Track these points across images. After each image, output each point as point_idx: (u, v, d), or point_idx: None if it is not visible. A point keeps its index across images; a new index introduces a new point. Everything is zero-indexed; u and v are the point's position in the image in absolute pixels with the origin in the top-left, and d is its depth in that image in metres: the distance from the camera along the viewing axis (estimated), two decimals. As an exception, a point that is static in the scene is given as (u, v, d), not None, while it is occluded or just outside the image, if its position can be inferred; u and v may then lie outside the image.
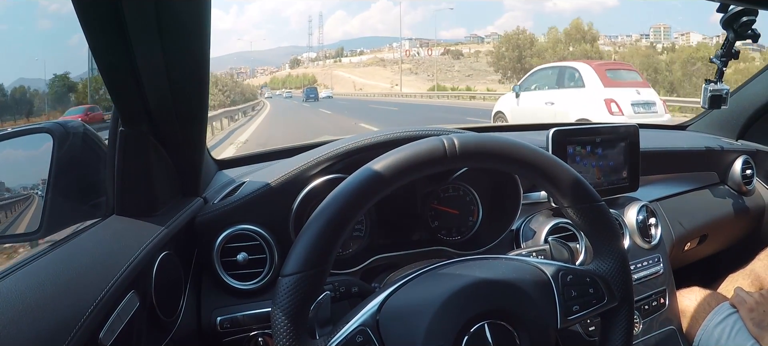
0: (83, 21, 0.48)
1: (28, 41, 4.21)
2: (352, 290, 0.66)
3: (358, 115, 14.40)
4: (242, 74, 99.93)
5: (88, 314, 0.45)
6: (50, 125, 0.68)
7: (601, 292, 0.57)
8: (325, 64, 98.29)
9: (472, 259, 0.60)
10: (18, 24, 5.34)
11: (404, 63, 78.62)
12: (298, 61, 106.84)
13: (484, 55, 65.07)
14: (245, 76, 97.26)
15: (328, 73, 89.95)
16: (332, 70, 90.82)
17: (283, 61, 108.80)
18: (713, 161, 1.40)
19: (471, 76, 61.67)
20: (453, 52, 76.22)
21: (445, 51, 77.23)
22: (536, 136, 1.12)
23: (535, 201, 0.99)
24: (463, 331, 0.51)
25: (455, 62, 71.50)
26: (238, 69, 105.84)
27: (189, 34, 0.55)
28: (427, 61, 75.74)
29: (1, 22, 5.84)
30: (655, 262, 1.04)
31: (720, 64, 1.19)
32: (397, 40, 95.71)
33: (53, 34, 6.58)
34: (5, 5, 3.30)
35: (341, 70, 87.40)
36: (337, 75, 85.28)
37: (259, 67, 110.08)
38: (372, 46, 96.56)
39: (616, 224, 0.60)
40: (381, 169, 0.51)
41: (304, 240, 0.49)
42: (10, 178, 0.78)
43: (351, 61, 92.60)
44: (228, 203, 0.80)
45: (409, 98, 33.46)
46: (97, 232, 0.62)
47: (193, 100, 0.65)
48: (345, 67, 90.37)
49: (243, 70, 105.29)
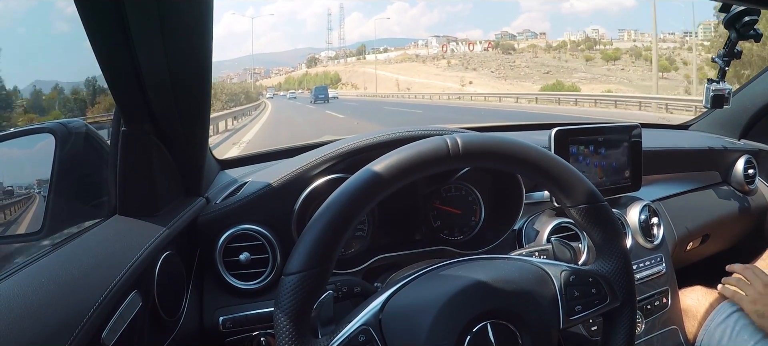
0: (86, 21, 0.48)
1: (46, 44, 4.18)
2: (355, 289, 0.66)
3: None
4: (256, 75, 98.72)
5: (90, 314, 0.45)
6: (52, 125, 0.68)
7: (604, 292, 0.57)
8: (348, 62, 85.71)
9: (475, 259, 0.59)
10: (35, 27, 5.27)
11: (445, 58, 66.39)
12: (315, 59, 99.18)
13: (545, 51, 58.36)
14: (259, 77, 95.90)
15: (353, 70, 77.32)
16: (358, 67, 78.00)
17: (300, 61, 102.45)
18: (715, 161, 1.40)
19: (550, 72, 49.70)
20: (504, 45, 64.72)
21: (491, 45, 65.49)
22: (538, 135, 1.12)
23: (537, 201, 0.99)
24: (465, 331, 0.51)
25: (508, 57, 59.85)
26: (252, 69, 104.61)
27: (191, 34, 0.55)
28: (475, 56, 63.51)
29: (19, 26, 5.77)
30: (657, 262, 1.04)
31: (722, 64, 1.19)
32: (414, 40, 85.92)
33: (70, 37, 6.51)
34: (24, 9, 3.31)
35: (369, 67, 73.54)
36: (367, 72, 70.26)
37: (274, 67, 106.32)
38: (391, 46, 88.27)
39: (618, 223, 0.60)
40: (384, 169, 0.51)
41: (306, 239, 0.49)
42: (11, 178, 0.78)
43: (377, 59, 79.39)
44: (230, 203, 0.80)
45: (511, 103, 21.61)
46: (99, 232, 0.62)
47: (196, 100, 0.65)
48: (371, 64, 76.16)
49: (257, 71, 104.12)
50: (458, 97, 31.49)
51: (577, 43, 59.24)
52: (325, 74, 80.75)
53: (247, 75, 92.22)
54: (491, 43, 66.45)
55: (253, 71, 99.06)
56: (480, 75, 56.29)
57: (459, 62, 63.44)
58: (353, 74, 75.27)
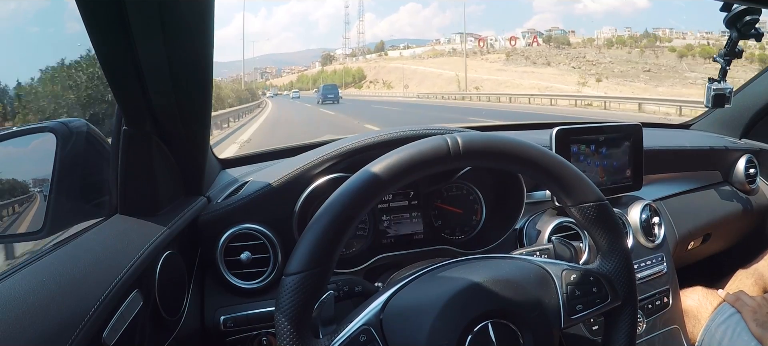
0: (87, 20, 0.48)
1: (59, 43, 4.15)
2: (356, 289, 0.66)
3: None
4: (267, 74, 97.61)
5: (91, 314, 0.45)
6: (54, 125, 0.68)
7: (605, 291, 0.57)
8: (368, 59, 76.92)
9: (476, 258, 0.59)
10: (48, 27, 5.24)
11: (482, 53, 55.76)
12: (331, 56, 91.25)
13: (607, 46, 44.96)
14: (270, 76, 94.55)
15: (380, 66, 66.15)
16: (384, 63, 67.25)
17: (312, 61, 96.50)
18: (717, 160, 1.40)
19: (650, 70, 37.55)
20: (557, 39, 53.52)
21: (536, 39, 54.10)
22: (539, 135, 1.12)
23: (538, 200, 0.99)
24: (466, 330, 0.51)
25: (572, 52, 47.04)
26: (263, 69, 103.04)
27: (192, 34, 0.55)
28: (531, 51, 50.60)
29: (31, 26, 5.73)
30: (658, 261, 1.04)
31: (723, 64, 1.18)
32: (428, 40, 78.66)
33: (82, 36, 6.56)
34: (36, 8, 3.31)
35: (395, 63, 63.53)
36: (401, 68, 59.48)
37: (286, 67, 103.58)
38: (412, 44, 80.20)
39: (619, 223, 0.60)
40: (384, 168, 0.51)
41: (307, 239, 0.49)
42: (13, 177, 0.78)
43: (402, 55, 69.61)
44: (231, 203, 0.80)
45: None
46: (100, 231, 0.62)
47: (197, 100, 0.65)
48: (396, 60, 66.11)
49: (269, 70, 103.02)
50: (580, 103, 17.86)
51: (636, 38, 47.55)
52: (346, 71, 70.19)
53: (257, 74, 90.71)
54: (536, 36, 56.29)
55: (264, 70, 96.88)
56: (561, 72, 41.94)
57: (521, 56, 49.86)
58: (381, 70, 64.68)
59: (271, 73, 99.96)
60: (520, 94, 24.10)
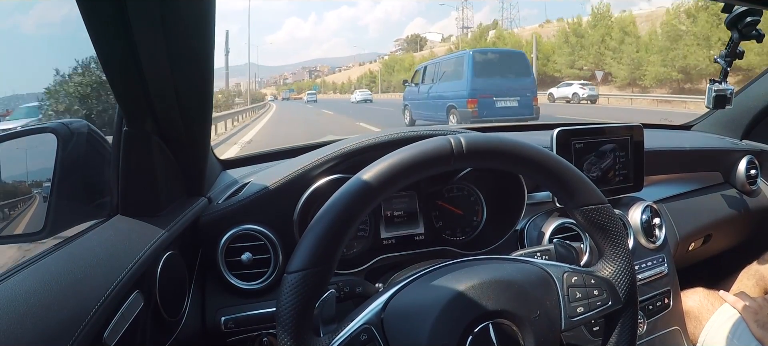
0: (87, 20, 0.48)
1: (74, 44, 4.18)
2: (357, 290, 0.66)
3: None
4: (317, 72, 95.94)
5: (92, 314, 0.45)
6: (55, 125, 0.68)
7: (606, 294, 0.57)
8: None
9: (476, 259, 0.59)
10: (59, 28, 5.32)
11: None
12: (421, 40, 72.12)
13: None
14: (321, 75, 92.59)
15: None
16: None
17: (362, 61, 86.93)
18: (717, 161, 1.39)
19: None
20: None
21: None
22: (540, 135, 1.12)
23: (539, 201, 0.99)
24: (467, 331, 0.51)
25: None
26: (312, 67, 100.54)
27: (193, 34, 0.55)
28: None
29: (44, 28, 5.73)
30: (659, 262, 1.04)
31: (724, 65, 1.18)
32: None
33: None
34: (47, 10, 3.35)
35: None
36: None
37: (338, 67, 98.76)
38: None
39: (620, 225, 0.60)
40: (386, 169, 0.51)
41: (309, 238, 0.49)
42: (13, 177, 0.78)
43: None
44: (232, 203, 0.80)
45: None
46: (101, 232, 0.62)
47: (198, 100, 0.65)
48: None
49: (319, 69, 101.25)
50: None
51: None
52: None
53: (305, 73, 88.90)
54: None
55: (314, 69, 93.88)
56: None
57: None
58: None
59: (322, 71, 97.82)
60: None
